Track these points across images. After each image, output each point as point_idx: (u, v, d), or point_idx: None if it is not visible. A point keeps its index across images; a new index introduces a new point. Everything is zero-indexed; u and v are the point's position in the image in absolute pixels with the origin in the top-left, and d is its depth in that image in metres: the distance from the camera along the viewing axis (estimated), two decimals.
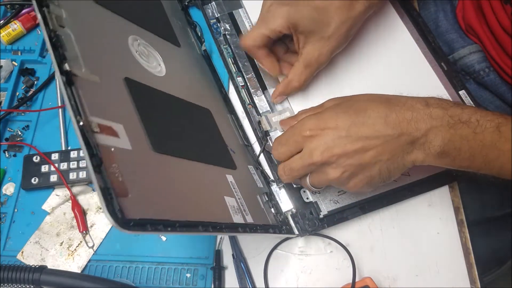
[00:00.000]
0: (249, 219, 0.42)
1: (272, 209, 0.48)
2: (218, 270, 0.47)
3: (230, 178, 0.45)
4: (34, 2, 0.35)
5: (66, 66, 0.33)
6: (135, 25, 0.47)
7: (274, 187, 0.50)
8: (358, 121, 0.39)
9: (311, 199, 0.48)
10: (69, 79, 0.33)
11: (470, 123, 0.38)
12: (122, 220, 0.28)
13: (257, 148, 0.53)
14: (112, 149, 0.32)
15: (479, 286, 0.47)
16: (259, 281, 0.47)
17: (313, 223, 0.47)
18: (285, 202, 0.49)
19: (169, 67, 0.48)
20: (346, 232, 0.48)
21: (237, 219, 0.41)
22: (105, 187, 0.29)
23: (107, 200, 0.28)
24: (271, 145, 0.51)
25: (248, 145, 0.53)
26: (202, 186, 0.41)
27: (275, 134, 0.51)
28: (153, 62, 0.46)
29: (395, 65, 0.54)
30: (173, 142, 0.41)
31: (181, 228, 0.33)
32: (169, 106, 0.44)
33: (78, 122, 0.30)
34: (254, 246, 0.49)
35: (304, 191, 0.49)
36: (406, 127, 0.38)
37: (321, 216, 0.47)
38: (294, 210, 0.48)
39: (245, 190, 0.46)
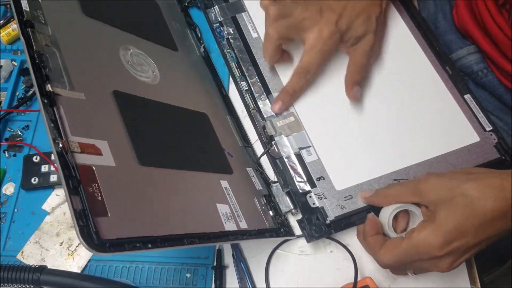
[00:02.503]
0: (243, 225, 0.42)
1: (271, 212, 0.48)
2: (219, 270, 0.47)
3: (224, 183, 0.44)
4: (17, 25, 0.34)
5: (49, 87, 0.32)
6: (128, 33, 0.46)
7: (275, 189, 0.50)
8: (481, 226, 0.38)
9: (317, 204, 0.47)
10: (51, 100, 0.32)
11: None
12: (97, 242, 0.28)
13: (257, 147, 0.53)
14: (94, 167, 0.32)
15: (479, 286, 0.47)
16: (259, 281, 0.47)
17: (320, 229, 0.46)
18: (286, 203, 0.49)
19: (164, 74, 0.48)
20: (346, 231, 0.48)
21: (229, 226, 0.40)
22: (82, 209, 0.28)
23: (82, 223, 0.28)
24: (276, 150, 0.50)
25: (248, 146, 0.53)
26: (192, 196, 0.40)
27: (280, 138, 0.50)
28: (147, 70, 0.45)
29: (400, 70, 0.53)
30: (162, 153, 0.40)
31: (164, 243, 0.32)
32: (161, 115, 0.44)
33: (56, 145, 0.30)
34: (255, 246, 0.49)
35: (310, 196, 0.48)
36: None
37: (328, 221, 0.46)
38: (294, 211, 0.48)
39: (241, 194, 0.45)
